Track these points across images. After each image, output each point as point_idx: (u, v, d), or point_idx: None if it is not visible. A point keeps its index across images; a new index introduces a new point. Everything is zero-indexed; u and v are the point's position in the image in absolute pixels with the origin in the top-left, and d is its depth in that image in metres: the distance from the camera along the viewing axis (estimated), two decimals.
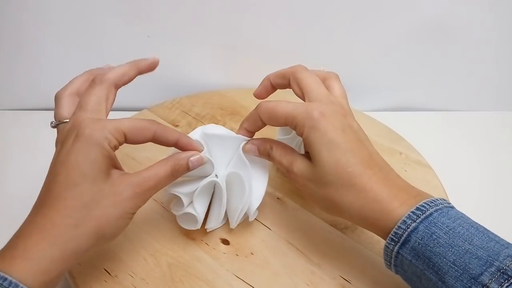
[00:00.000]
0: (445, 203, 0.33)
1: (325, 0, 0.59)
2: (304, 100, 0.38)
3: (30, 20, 0.60)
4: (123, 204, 0.33)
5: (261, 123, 0.39)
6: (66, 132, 0.34)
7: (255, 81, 0.44)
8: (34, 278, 0.29)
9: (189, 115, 0.59)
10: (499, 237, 0.30)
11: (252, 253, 0.41)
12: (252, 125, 0.40)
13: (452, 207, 0.33)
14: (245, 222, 0.43)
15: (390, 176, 0.35)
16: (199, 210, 0.39)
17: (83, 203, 0.32)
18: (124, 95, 0.45)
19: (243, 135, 0.40)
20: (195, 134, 0.41)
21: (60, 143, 0.34)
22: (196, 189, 0.39)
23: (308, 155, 0.37)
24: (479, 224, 0.31)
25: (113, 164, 0.34)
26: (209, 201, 0.41)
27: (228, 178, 0.40)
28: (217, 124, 0.57)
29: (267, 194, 0.46)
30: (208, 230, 0.42)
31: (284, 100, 0.37)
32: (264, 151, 0.39)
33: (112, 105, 0.39)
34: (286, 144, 0.40)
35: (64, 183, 0.32)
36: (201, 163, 0.37)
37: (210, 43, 0.63)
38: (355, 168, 0.34)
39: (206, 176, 0.39)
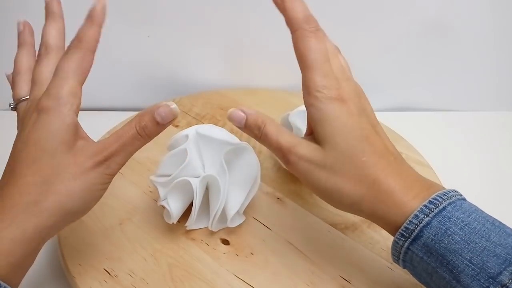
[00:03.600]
0: (457, 195, 0.31)
1: (326, 0, 0.59)
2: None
3: (30, 19, 0.60)
4: (85, 175, 0.31)
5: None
6: (26, 112, 0.34)
7: (255, 81, 0.44)
8: None
9: (189, 115, 0.59)
10: None
11: (252, 253, 0.41)
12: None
13: (465, 199, 0.31)
14: (245, 222, 0.43)
15: (404, 167, 0.33)
16: (172, 205, 0.39)
17: (43, 179, 0.30)
18: (124, 95, 0.45)
19: None
20: (190, 132, 0.41)
21: (22, 123, 0.34)
22: (171, 184, 0.39)
23: (312, 138, 0.34)
24: (494, 218, 0.30)
25: (78, 133, 0.32)
26: (187, 198, 0.41)
27: (210, 181, 0.40)
28: (216, 124, 0.57)
29: (267, 194, 0.47)
30: (187, 228, 0.42)
31: (325, 44, 0.35)
32: (255, 125, 0.34)
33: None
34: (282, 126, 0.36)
35: (24, 161, 0.31)
36: (173, 113, 0.32)
37: (210, 43, 0.63)
38: (370, 157, 0.32)
39: (195, 177, 0.40)
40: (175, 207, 0.39)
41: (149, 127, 0.32)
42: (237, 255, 0.41)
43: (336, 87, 0.33)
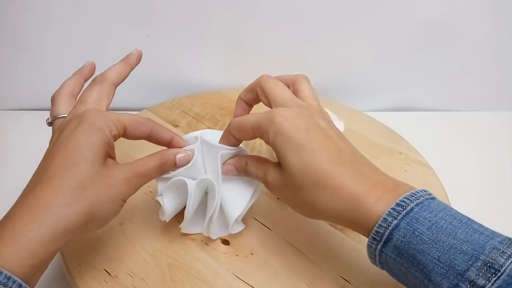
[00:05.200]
0: (425, 194, 0.32)
1: (325, 1, 0.59)
2: (271, 108, 0.38)
3: (30, 20, 0.60)
4: (116, 187, 0.34)
5: (235, 140, 0.39)
6: (66, 121, 0.36)
7: None
8: (22, 261, 0.28)
9: (189, 115, 0.59)
10: (483, 227, 0.30)
11: (252, 253, 0.41)
12: (226, 143, 0.39)
13: (434, 198, 0.32)
14: (245, 222, 0.43)
15: (364, 171, 0.33)
16: (166, 203, 0.39)
17: (79, 182, 0.32)
18: (124, 95, 0.45)
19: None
20: (196, 134, 0.41)
21: (59, 131, 0.36)
22: (168, 181, 0.39)
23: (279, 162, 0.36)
24: (463, 215, 0.30)
25: (110, 153, 0.36)
26: (184, 199, 0.40)
27: (209, 185, 0.40)
28: (216, 124, 0.58)
29: (267, 194, 0.47)
30: (181, 231, 0.41)
31: (251, 113, 0.37)
32: (241, 168, 0.39)
33: (111, 102, 0.41)
34: (260, 157, 0.39)
35: (62, 163, 0.32)
36: (188, 160, 0.39)
37: (210, 43, 0.64)
38: (323, 167, 0.33)
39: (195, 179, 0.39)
40: (169, 205, 0.39)
41: (168, 164, 0.38)
42: (237, 255, 0.41)
43: (280, 113, 0.35)
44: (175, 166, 0.38)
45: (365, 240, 0.42)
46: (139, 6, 0.60)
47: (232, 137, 0.38)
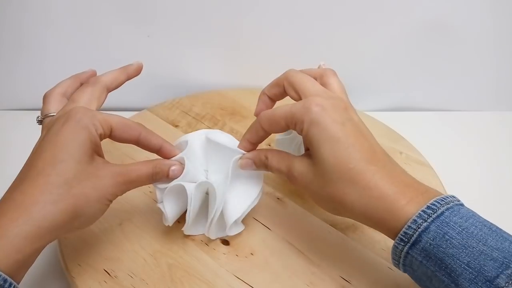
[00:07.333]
0: (455, 200, 0.32)
1: (326, 1, 0.59)
2: None
3: (30, 20, 0.60)
4: (103, 188, 0.34)
5: (263, 132, 0.38)
6: (55, 119, 0.36)
7: (255, 81, 0.44)
8: (7, 257, 0.29)
9: (189, 115, 0.59)
10: None
11: (252, 254, 0.41)
12: (254, 136, 0.38)
13: (462, 205, 0.32)
14: (245, 222, 0.43)
15: (395, 172, 0.33)
16: (167, 208, 0.39)
17: (65, 180, 0.32)
18: (124, 95, 0.45)
19: (244, 148, 0.39)
20: (195, 137, 0.41)
21: (47, 128, 0.36)
22: (167, 187, 0.39)
23: (306, 154, 0.36)
24: (491, 223, 0.30)
25: (98, 151, 0.35)
26: (184, 202, 0.40)
27: (210, 187, 0.40)
28: (216, 124, 0.58)
29: (267, 194, 0.47)
30: (184, 233, 0.41)
31: (280, 105, 0.37)
32: (260, 162, 0.38)
33: (101, 105, 0.40)
34: (280, 150, 0.38)
35: (49, 160, 0.32)
36: (180, 174, 0.38)
37: (210, 43, 0.63)
38: (357, 164, 0.32)
39: (194, 182, 0.39)
40: (170, 211, 0.39)
41: (160, 175, 0.38)
42: (237, 255, 0.41)
43: (317, 102, 0.34)
44: (167, 177, 0.38)
45: (366, 240, 0.42)
46: (139, 6, 0.60)
47: (261, 130, 0.37)
